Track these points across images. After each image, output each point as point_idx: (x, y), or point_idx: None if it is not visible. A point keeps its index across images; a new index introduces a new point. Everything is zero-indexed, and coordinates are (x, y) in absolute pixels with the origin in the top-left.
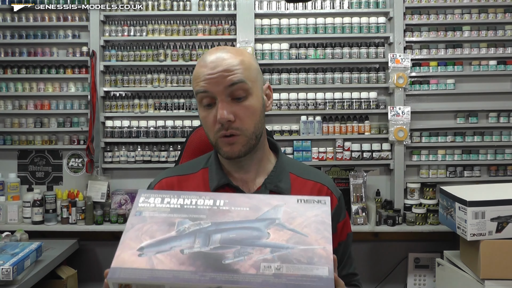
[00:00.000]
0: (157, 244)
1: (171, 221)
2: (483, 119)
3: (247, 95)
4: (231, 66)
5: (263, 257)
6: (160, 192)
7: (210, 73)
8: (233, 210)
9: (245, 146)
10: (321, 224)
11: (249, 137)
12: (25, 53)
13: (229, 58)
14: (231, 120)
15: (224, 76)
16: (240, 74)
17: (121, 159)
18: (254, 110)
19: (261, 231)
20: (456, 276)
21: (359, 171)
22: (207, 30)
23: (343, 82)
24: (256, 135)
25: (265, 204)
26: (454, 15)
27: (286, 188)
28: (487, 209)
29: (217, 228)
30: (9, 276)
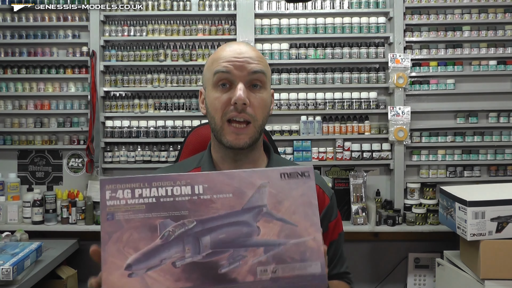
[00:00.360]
0: (144, 259)
1: (151, 223)
2: (483, 119)
3: (263, 87)
4: (255, 56)
5: (258, 260)
6: (127, 180)
7: (236, 57)
8: (216, 199)
9: (251, 138)
10: (308, 207)
11: (257, 128)
12: (25, 53)
13: (253, 51)
14: (246, 103)
15: (249, 62)
16: (262, 66)
17: (121, 159)
18: (266, 104)
19: (251, 226)
20: (456, 276)
21: (359, 171)
22: (207, 30)
23: (343, 82)
24: (261, 129)
25: (248, 185)
26: (454, 15)
27: None
28: (487, 209)
29: (204, 228)
30: (9, 276)
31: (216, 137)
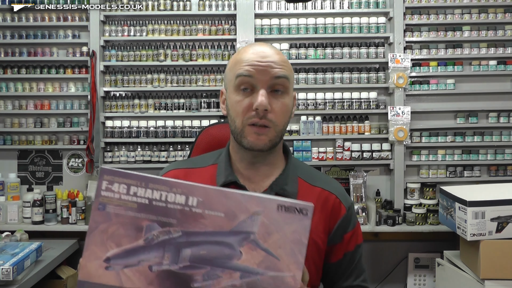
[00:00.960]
0: (124, 256)
1: (138, 223)
2: (483, 119)
3: (285, 92)
4: (279, 61)
5: (231, 283)
6: (125, 175)
7: (259, 61)
8: (207, 215)
9: (271, 140)
10: (296, 244)
11: (277, 133)
12: (25, 53)
13: (277, 54)
14: (268, 109)
15: (272, 67)
16: (285, 71)
17: (121, 159)
18: (287, 109)
19: (234, 249)
20: (456, 276)
21: (359, 171)
22: (207, 30)
23: (343, 82)
24: (282, 134)
25: (242, 210)
26: (454, 15)
27: (292, 192)
28: (487, 209)
29: (188, 241)
30: (9, 276)
31: (236, 139)
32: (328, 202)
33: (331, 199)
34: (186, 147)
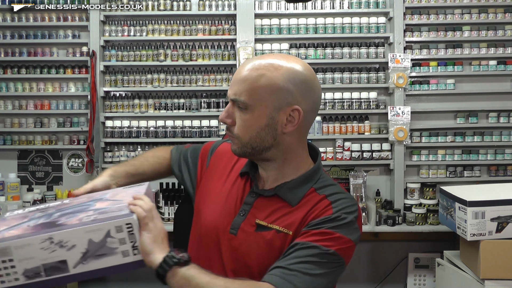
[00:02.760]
0: (11, 227)
1: (26, 215)
2: (483, 119)
3: (247, 110)
4: (242, 81)
5: (86, 215)
6: (23, 209)
7: (233, 77)
8: (73, 201)
9: (239, 149)
10: (135, 193)
11: (242, 144)
12: (25, 53)
13: (250, 70)
14: (228, 124)
15: (231, 86)
16: (242, 91)
17: (121, 159)
18: (251, 125)
19: (90, 205)
20: (456, 276)
21: (359, 171)
22: (207, 30)
23: (343, 82)
24: (253, 147)
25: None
26: (454, 15)
27: (292, 197)
28: (487, 209)
29: (58, 209)
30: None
31: None
32: (325, 212)
33: (325, 203)
34: None
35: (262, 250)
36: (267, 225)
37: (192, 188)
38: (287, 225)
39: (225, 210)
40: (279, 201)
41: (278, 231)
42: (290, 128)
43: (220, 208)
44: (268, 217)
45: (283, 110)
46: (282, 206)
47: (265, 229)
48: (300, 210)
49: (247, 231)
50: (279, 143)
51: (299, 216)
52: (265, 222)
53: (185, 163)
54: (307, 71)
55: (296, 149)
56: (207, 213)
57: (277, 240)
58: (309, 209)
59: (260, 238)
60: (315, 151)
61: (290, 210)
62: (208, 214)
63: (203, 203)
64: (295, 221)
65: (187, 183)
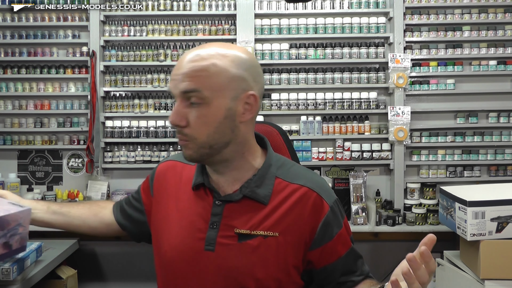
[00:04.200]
0: None
1: None
2: (483, 119)
3: (203, 103)
4: (191, 71)
5: None
6: None
7: (174, 73)
8: None
9: (196, 152)
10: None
11: (199, 145)
12: (25, 53)
13: (198, 61)
14: (181, 125)
15: (180, 81)
16: (196, 83)
17: (121, 159)
18: (209, 120)
19: None
20: (456, 276)
21: (359, 171)
22: (207, 30)
23: (343, 82)
24: (211, 145)
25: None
26: (454, 15)
27: (263, 194)
28: (487, 209)
29: None
30: (9, 276)
31: None
32: (308, 200)
33: (312, 196)
34: None
35: (253, 261)
36: (250, 233)
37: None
38: (271, 227)
39: (191, 228)
40: (250, 203)
41: (265, 236)
42: (248, 116)
43: (184, 228)
44: (247, 224)
45: (239, 98)
46: (255, 207)
47: (249, 237)
48: (277, 207)
49: (227, 243)
50: (236, 135)
51: (281, 214)
52: (247, 230)
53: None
54: (250, 56)
55: (250, 140)
56: (169, 238)
57: (267, 246)
58: (291, 205)
59: (246, 248)
60: (258, 136)
61: (266, 210)
62: (171, 238)
63: (161, 230)
64: (278, 221)
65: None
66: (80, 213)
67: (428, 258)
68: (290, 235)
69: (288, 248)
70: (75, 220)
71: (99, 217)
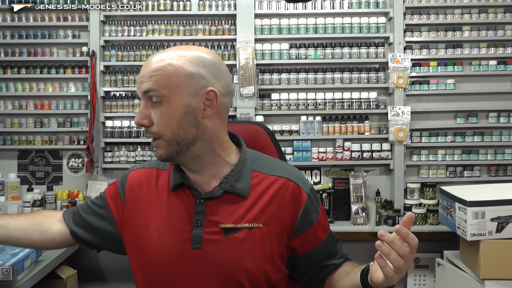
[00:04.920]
0: None
1: None
2: (483, 119)
3: (162, 101)
4: (150, 72)
5: None
6: None
7: (138, 77)
8: None
9: (166, 151)
10: None
11: (168, 142)
12: (25, 53)
13: (156, 62)
14: (145, 125)
15: (142, 82)
16: (154, 82)
17: (121, 159)
18: (170, 117)
19: None
20: (456, 276)
21: (359, 171)
22: (207, 30)
23: (343, 82)
24: (178, 142)
25: None
26: (454, 15)
27: (243, 188)
28: (487, 209)
29: None
30: (9, 276)
31: None
32: (287, 190)
33: (290, 186)
34: None
35: (241, 253)
36: (234, 227)
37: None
38: (255, 218)
39: (175, 230)
40: (231, 198)
41: (250, 228)
42: (210, 112)
43: (167, 231)
44: (231, 218)
45: (198, 94)
46: (237, 201)
47: (234, 231)
48: (258, 199)
49: (213, 239)
50: (203, 131)
51: (262, 206)
52: (232, 224)
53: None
54: (213, 55)
55: (220, 135)
56: (153, 242)
57: (252, 237)
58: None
59: (233, 241)
60: (231, 134)
61: (248, 202)
62: (155, 242)
63: (140, 237)
64: (261, 212)
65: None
66: (21, 224)
67: (405, 235)
68: (273, 225)
69: (272, 238)
70: (15, 233)
71: (43, 228)
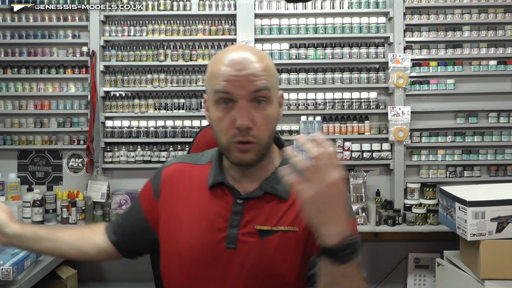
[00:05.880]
0: None
1: None
2: (483, 119)
3: (268, 102)
4: (257, 71)
5: None
6: None
7: (235, 75)
8: None
9: (257, 154)
10: None
11: (261, 146)
12: (25, 53)
13: (256, 62)
14: (250, 127)
15: (251, 81)
16: (266, 81)
17: (121, 159)
18: (271, 119)
19: None
20: (456, 276)
21: (359, 171)
22: (207, 30)
23: (343, 82)
24: (268, 144)
25: None
26: (454, 15)
27: (284, 190)
28: (487, 209)
29: None
30: (9, 276)
31: (223, 152)
32: None
33: None
34: (186, 147)
35: (274, 256)
36: (270, 229)
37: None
38: (292, 222)
39: (210, 228)
40: (270, 199)
41: (286, 231)
42: (281, 113)
43: (201, 228)
44: (268, 220)
45: (277, 97)
46: (276, 203)
47: (269, 233)
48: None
49: (248, 241)
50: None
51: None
52: (267, 226)
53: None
54: None
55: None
56: (185, 237)
57: (287, 241)
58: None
59: (268, 244)
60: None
61: (286, 205)
62: (187, 238)
63: (173, 233)
64: (298, 216)
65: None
66: (69, 237)
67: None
68: (307, 228)
69: (306, 242)
70: (64, 245)
71: (90, 241)
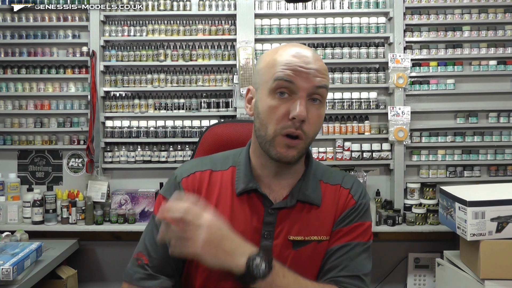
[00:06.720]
0: None
1: None
2: (483, 119)
3: (322, 103)
4: (322, 69)
5: None
6: None
7: (302, 66)
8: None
9: (299, 153)
10: None
11: (306, 145)
12: (25, 53)
13: (320, 61)
14: (305, 120)
15: (316, 75)
16: (327, 81)
17: (121, 159)
18: (321, 120)
19: None
20: (456, 276)
21: (359, 171)
22: (207, 30)
23: (343, 82)
24: (310, 144)
25: None
26: (454, 15)
27: (315, 197)
28: (487, 209)
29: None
30: (9, 276)
31: (263, 146)
32: (342, 197)
33: (345, 194)
34: (186, 147)
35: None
36: (303, 239)
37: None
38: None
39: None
40: (302, 207)
41: (319, 241)
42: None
43: None
44: (301, 230)
45: None
46: (308, 211)
47: (303, 244)
48: (327, 210)
49: (282, 252)
50: None
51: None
52: (301, 236)
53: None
54: None
55: None
56: None
57: (320, 250)
58: (336, 206)
59: (301, 254)
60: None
61: (319, 212)
62: None
63: None
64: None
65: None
66: None
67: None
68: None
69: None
70: None
71: None
